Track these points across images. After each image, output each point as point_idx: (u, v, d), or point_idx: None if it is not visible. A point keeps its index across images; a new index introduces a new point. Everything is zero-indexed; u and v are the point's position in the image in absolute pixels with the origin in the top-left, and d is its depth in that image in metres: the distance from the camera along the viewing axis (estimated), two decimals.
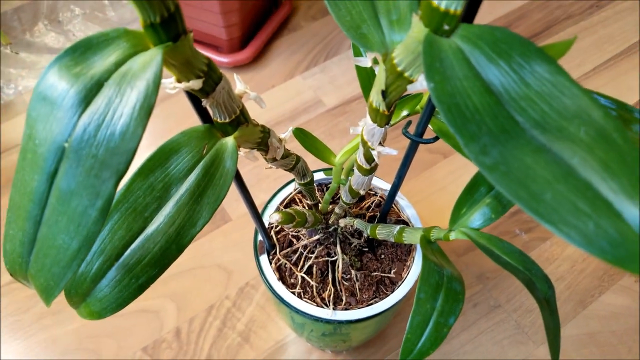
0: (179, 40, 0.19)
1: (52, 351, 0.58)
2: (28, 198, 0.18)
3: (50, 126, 0.18)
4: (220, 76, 0.23)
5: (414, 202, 0.68)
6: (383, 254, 0.44)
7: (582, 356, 0.57)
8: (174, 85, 0.21)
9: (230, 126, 0.26)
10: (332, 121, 0.77)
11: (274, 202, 0.45)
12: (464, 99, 0.18)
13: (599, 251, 0.14)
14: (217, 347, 0.59)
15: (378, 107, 0.25)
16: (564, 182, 0.15)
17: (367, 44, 0.23)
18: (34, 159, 0.18)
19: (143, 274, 0.24)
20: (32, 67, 0.84)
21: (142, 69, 0.18)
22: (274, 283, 0.41)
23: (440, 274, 0.27)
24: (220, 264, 0.64)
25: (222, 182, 0.25)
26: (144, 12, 0.18)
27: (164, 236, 0.25)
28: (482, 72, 0.18)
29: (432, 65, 0.18)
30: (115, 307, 0.24)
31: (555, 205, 0.15)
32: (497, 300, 0.61)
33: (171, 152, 0.25)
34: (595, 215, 0.14)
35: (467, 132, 0.17)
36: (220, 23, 0.74)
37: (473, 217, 0.29)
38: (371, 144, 0.28)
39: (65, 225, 0.18)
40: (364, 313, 0.39)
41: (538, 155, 0.16)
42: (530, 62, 0.18)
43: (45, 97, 0.18)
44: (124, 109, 0.17)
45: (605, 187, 0.15)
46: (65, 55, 0.18)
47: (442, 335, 0.26)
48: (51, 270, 0.19)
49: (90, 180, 0.17)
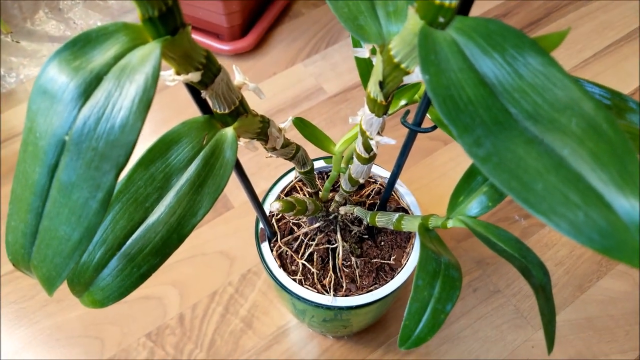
0: (177, 33, 0.19)
1: (57, 338, 0.59)
2: (30, 190, 0.19)
3: (51, 119, 0.18)
4: (219, 68, 0.23)
5: (414, 188, 0.69)
6: (383, 241, 0.45)
7: (580, 340, 0.58)
8: (172, 78, 0.21)
9: (229, 117, 0.26)
10: (333, 108, 0.77)
11: (275, 190, 0.46)
12: (458, 90, 0.18)
13: (588, 241, 0.14)
14: (220, 333, 0.59)
15: (376, 98, 0.26)
16: (555, 173, 0.15)
17: (364, 35, 0.23)
18: (35, 151, 0.18)
19: (145, 263, 0.25)
20: (33, 55, 0.84)
21: (141, 62, 0.18)
22: (275, 270, 0.41)
23: (438, 262, 0.28)
24: (222, 250, 0.65)
25: (222, 172, 0.26)
26: (142, 6, 0.18)
27: (165, 226, 0.25)
28: (477, 64, 0.18)
29: (427, 57, 0.18)
30: (118, 296, 0.25)
31: (546, 195, 0.15)
32: (496, 286, 0.62)
33: (171, 142, 0.25)
34: (585, 205, 0.15)
35: (461, 124, 0.17)
36: (221, 11, 0.74)
37: (470, 205, 0.29)
38: (370, 134, 0.29)
39: (66, 217, 0.18)
40: (364, 299, 0.40)
41: (530, 146, 0.16)
42: (524, 54, 0.18)
43: (46, 91, 0.18)
44: (123, 103, 0.17)
45: (596, 178, 0.15)
46: (64, 49, 0.18)
47: (439, 321, 0.27)
48: (53, 261, 0.19)
49: (91, 173, 0.18)
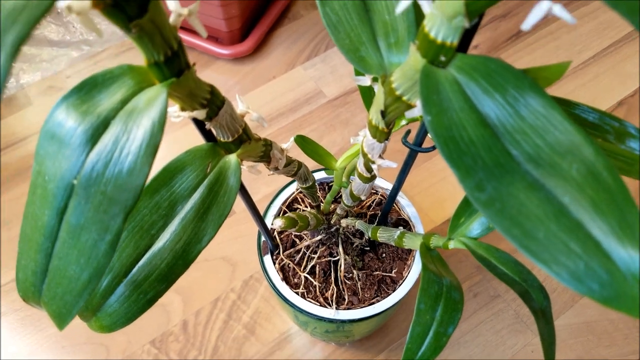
0: (182, 75, 0.19)
1: (62, 345, 0.59)
2: (39, 232, 0.19)
3: (59, 164, 0.18)
4: (223, 100, 0.23)
5: (414, 193, 0.69)
6: (384, 253, 0.45)
7: (580, 344, 0.59)
8: (178, 114, 0.22)
9: (233, 144, 0.26)
10: (333, 112, 0.77)
11: (277, 203, 0.46)
12: (460, 131, 0.18)
13: (589, 291, 0.15)
14: (223, 339, 0.60)
15: (377, 125, 0.26)
16: (555, 221, 0.16)
17: (365, 66, 0.23)
18: (44, 194, 0.19)
19: (151, 290, 0.25)
20: (33, 60, 0.84)
21: (148, 106, 0.18)
22: (277, 283, 0.42)
23: (440, 284, 0.28)
24: (224, 256, 0.65)
25: (226, 199, 0.26)
26: (147, 51, 0.18)
27: (170, 252, 0.25)
28: (478, 104, 0.19)
29: (430, 97, 0.19)
30: (125, 321, 0.25)
31: (547, 244, 0.15)
32: (496, 290, 0.62)
33: (176, 171, 0.25)
34: (585, 255, 0.15)
35: (463, 166, 0.17)
36: (220, 15, 0.74)
37: (472, 227, 0.30)
38: (371, 157, 0.29)
39: (75, 257, 0.19)
40: (366, 312, 0.40)
41: (531, 192, 0.17)
42: (525, 95, 0.18)
43: (54, 136, 0.18)
44: (130, 148, 0.18)
45: (595, 227, 0.15)
46: (71, 94, 0.18)
47: (441, 344, 0.27)
48: (63, 299, 0.20)
49: (99, 216, 0.18)
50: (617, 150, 0.26)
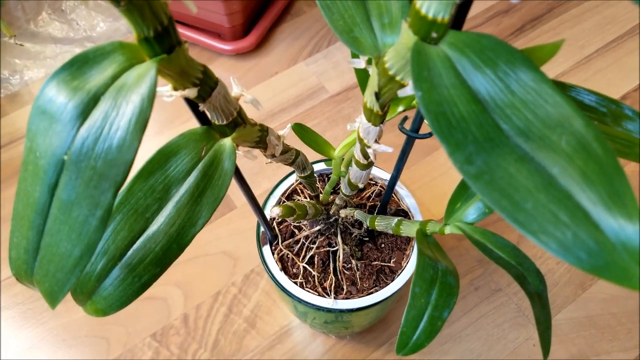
0: (173, 51, 0.19)
1: (63, 338, 0.60)
2: (31, 208, 0.19)
3: (50, 139, 0.18)
4: (216, 81, 0.23)
5: (415, 187, 0.69)
6: (383, 243, 0.45)
7: (582, 338, 0.58)
8: (170, 94, 0.22)
9: (227, 128, 0.26)
10: (335, 107, 0.77)
11: (276, 194, 0.46)
12: (450, 107, 0.18)
13: (577, 260, 0.15)
14: (224, 333, 0.60)
15: (372, 108, 0.26)
16: (544, 192, 0.16)
17: (359, 47, 0.23)
18: (35, 171, 0.19)
19: (146, 273, 0.25)
20: (37, 57, 0.84)
21: (137, 82, 0.18)
22: (276, 273, 0.42)
23: (435, 268, 0.28)
24: (225, 251, 0.65)
25: (221, 182, 0.26)
26: (137, 26, 0.18)
27: (165, 236, 0.25)
28: (469, 79, 0.19)
29: (420, 73, 0.19)
30: (120, 305, 0.25)
31: (535, 214, 0.15)
32: (498, 284, 0.62)
33: (170, 154, 0.25)
34: (573, 225, 0.15)
35: (453, 141, 0.17)
36: (223, 11, 0.74)
37: (467, 212, 0.30)
38: (367, 142, 0.29)
39: (67, 233, 0.19)
40: (365, 302, 0.40)
41: (521, 164, 0.17)
42: (516, 70, 0.18)
43: (45, 111, 0.18)
44: (120, 123, 0.18)
45: (584, 198, 0.15)
46: (62, 70, 0.18)
47: (436, 328, 0.27)
48: (55, 276, 0.20)
49: (90, 191, 0.18)
50: (615, 132, 0.26)
